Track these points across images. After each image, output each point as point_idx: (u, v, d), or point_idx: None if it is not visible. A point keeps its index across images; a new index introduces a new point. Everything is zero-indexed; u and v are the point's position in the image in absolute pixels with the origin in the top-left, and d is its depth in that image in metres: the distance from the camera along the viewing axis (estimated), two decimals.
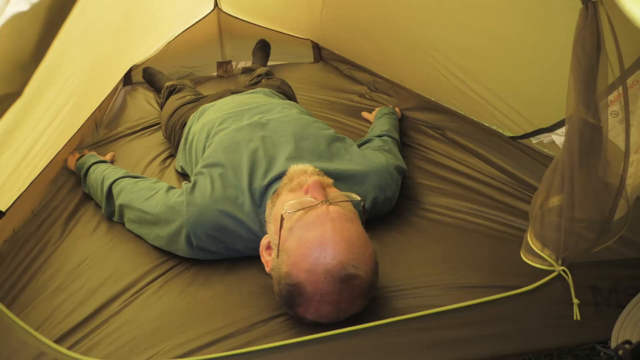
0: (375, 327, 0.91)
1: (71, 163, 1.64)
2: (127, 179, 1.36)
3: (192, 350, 0.91)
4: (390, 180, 1.30)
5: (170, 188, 1.25)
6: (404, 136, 1.78)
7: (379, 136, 1.59)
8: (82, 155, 1.62)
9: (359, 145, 1.49)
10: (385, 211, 1.32)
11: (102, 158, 1.60)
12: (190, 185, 1.20)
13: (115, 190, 1.34)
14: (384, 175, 1.28)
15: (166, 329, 0.97)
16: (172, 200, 1.18)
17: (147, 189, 1.27)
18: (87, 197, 1.49)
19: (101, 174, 1.43)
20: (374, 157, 1.33)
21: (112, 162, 1.72)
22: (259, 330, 0.96)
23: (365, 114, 2.06)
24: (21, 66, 0.58)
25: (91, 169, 1.51)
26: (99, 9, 1.53)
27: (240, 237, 1.14)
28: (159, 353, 0.90)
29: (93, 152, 1.68)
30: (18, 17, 0.56)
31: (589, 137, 0.90)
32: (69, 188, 1.54)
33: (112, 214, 1.36)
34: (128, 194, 1.29)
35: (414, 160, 1.62)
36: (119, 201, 1.31)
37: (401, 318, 0.93)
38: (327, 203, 0.97)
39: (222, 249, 1.16)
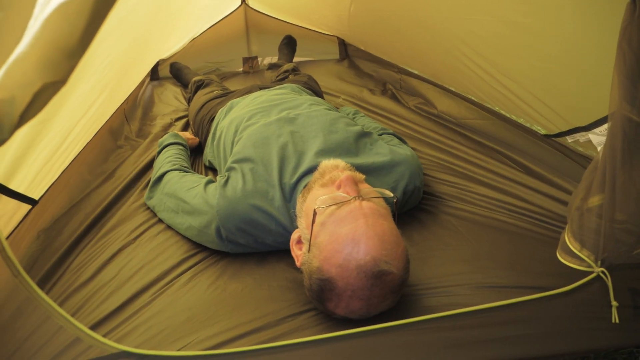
0: (406, 324, 0.90)
1: None
2: (179, 171, 1.41)
3: (222, 342, 0.91)
4: (417, 169, 1.31)
5: (210, 182, 1.27)
6: (434, 133, 1.77)
7: (379, 135, 1.56)
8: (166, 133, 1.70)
9: None
10: (414, 203, 1.31)
11: (180, 139, 1.67)
12: (223, 179, 1.21)
13: (164, 179, 1.39)
14: (412, 163, 1.29)
15: (196, 320, 0.97)
16: (208, 193, 1.20)
17: (191, 181, 1.31)
18: (123, 190, 1.51)
19: (165, 158, 1.51)
20: (399, 149, 1.33)
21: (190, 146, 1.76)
22: (288, 324, 0.96)
23: None
24: (68, 54, 0.58)
25: (165, 149, 1.59)
26: (132, 2, 1.55)
27: (270, 231, 1.14)
28: (191, 344, 0.90)
29: (175, 132, 1.76)
30: (66, 4, 0.56)
31: (633, 135, 0.88)
32: (106, 180, 1.57)
33: (149, 198, 1.40)
34: (174, 184, 1.34)
35: (443, 158, 1.60)
36: (165, 190, 1.35)
37: (432, 316, 0.92)
38: (360, 199, 0.96)
39: (251, 242, 1.16)
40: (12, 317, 0.85)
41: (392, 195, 1.04)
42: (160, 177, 1.41)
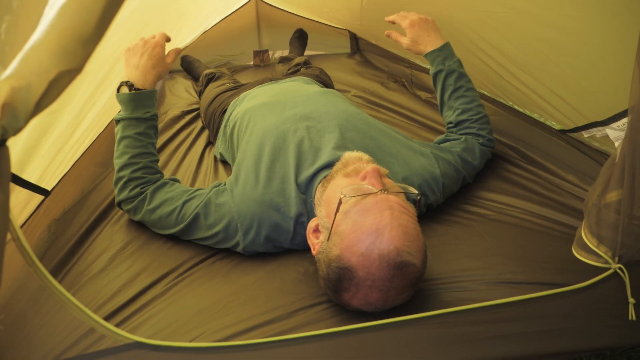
0: (420, 319, 0.90)
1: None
2: (146, 192, 1.22)
3: (234, 334, 0.91)
4: (434, 187, 1.25)
5: (200, 189, 1.21)
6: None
7: (467, 133, 1.43)
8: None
9: (441, 142, 1.41)
10: (423, 212, 1.28)
11: (138, 112, 1.25)
12: (234, 181, 1.19)
13: (136, 209, 1.23)
14: (427, 181, 1.25)
15: (208, 312, 0.97)
16: (216, 207, 1.15)
17: (173, 200, 1.19)
18: None
19: (121, 167, 1.24)
20: (420, 159, 1.27)
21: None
22: (300, 317, 0.96)
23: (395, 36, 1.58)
24: (84, 41, 0.58)
25: (120, 132, 1.26)
26: None
27: (289, 231, 1.13)
28: (202, 335, 0.90)
29: (129, 92, 1.26)
30: None
31: None
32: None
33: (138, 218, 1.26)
34: (155, 217, 1.20)
35: None
36: (145, 219, 1.23)
37: (447, 311, 0.91)
38: (387, 192, 0.96)
39: (270, 249, 1.15)
40: (26, 306, 0.85)
41: (416, 192, 1.02)
42: (129, 207, 1.24)
